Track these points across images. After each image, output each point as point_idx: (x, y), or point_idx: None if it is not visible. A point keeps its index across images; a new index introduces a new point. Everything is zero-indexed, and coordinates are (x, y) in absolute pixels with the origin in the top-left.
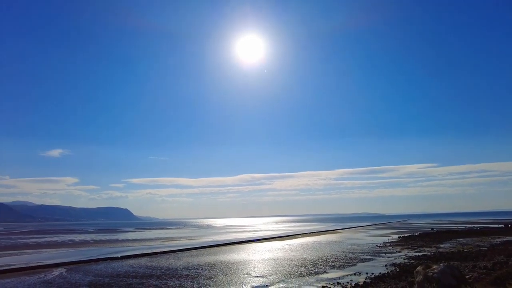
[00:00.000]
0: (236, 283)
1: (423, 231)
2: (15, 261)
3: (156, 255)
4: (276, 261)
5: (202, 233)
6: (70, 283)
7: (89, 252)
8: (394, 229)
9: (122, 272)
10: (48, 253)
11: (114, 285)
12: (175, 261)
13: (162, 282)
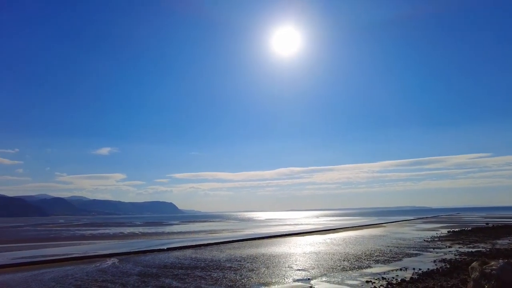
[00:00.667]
0: (278, 275)
1: (476, 225)
2: (74, 251)
3: (200, 247)
4: (318, 254)
5: (243, 226)
6: (122, 272)
7: (138, 244)
8: (443, 223)
9: (169, 263)
10: (101, 244)
11: (161, 276)
12: (218, 253)
13: (206, 274)
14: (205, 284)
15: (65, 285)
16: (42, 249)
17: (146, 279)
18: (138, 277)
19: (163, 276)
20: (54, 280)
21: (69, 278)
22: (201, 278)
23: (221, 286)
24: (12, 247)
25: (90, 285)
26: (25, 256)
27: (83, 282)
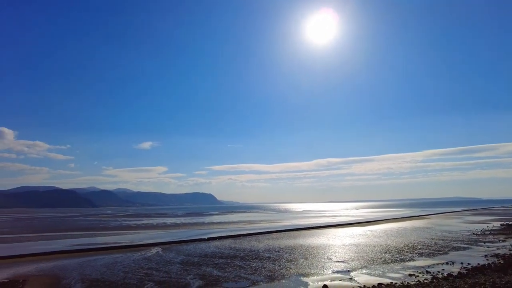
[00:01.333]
0: (317, 267)
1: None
2: (121, 240)
3: (239, 237)
4: (358, 246)
5: (281, 217)
6: (165, 260)
7: (180, 234)
8: (496, 215)
9: (209, 252)
10: (146, 234)
11: (202, 265)
12: (256, 243)
13: (246, 263)
14: (244, 273)
15: (115, 271)
16: (94, 238)
17: (188, 268)
18: (181, 265)
19: (204, 265)
20: (105, 266)
21: (118, 265)
22: (240, 267)
23: (260, 276)
24: (68, 235)
25: (136, 272)
26: (79, 244)
27: (130, 269)
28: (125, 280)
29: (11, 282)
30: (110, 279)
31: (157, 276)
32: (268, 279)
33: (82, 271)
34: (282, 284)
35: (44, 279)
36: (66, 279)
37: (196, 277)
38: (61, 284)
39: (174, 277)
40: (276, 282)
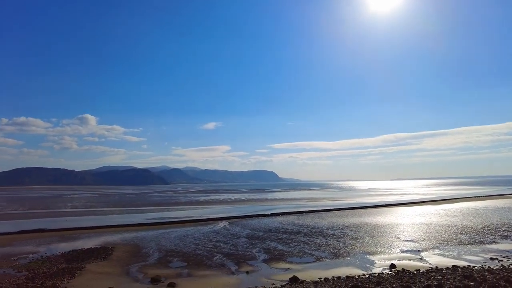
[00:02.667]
0: (384, 245)
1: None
2: (192, 214)
3: (302, 214)
4: (429, 226)
5: (344, 195)
6: (232, 234)
7: (244, 209)
8: None
9: (273, 227)
10: (213, 209)
11: (267, 239)
12: (320, 220)
13: (309, 239)
14: (308, 249)
15: (187, 242)
16: (167, 212)
17: (254, 242)
18: (246, 239)
19: (269, 240)
20: (178, 238)
21: (189, 237)
22: (304, 243)
23: (325, 252)
24: (144, 209)
25: (206, 244)
26: (154, 217)
27: (200, 241)
28: (196, 251)
29: (103, 248)
30: (183, 250)
31: (225, 248)
32: (332, 256)
33: (158, 242)
34: (347, 261)
35: (127, 247)
36: (145, 248)
37: (261, 251)
38: (142, 252)
39: (241, 250)
40: (341, 259)
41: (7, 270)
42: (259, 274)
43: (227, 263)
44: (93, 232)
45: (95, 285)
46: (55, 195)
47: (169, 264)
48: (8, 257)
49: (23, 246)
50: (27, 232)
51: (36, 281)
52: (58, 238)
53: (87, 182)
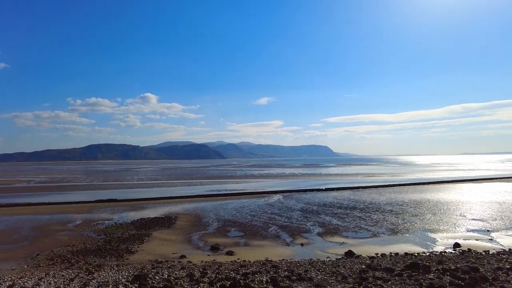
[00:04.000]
0: (447, 223)
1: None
2: (247, 187)
3: (357, 189)
4: (502, 205)
5: (404, 170)
6: (286, 207)
7: (298, 183)
8: None
9: (328, 202)
10: (267, 182)
11: (321, 213)
12: (377, 196)
13: (366, 215)
14: (364, 224)
15: (243, 214)
16: (224, 185)
17: (308, 215)
18: (301, 212)
19: (323, 214)
20: (234, 209)
21: (245, 208)
22: (360, 218)
23: (382, 228)
24: (203, 182)
25: (261, 216)
26: (213, 189)
27: (256, 213)
28: (252, 222)
29: (167, 218)
30: (240, 220)
31: (280, 220)
32: (390, 232)
33: (217, 212)
34: (405, 238)
35: (189, 217)
36: (205, 218)
37: (315, 224)
38: (202, 222)
39: (295, 223)
40: (399, 235)
41: (89, 233)
42: (314, 246)
43: (282, 234)
44: (158, 203)
45: (161, 250)
46: (123, 168)
47: (227, 233)
48: (89, 222)
49: (100, 214)
50: (102, 201)
51: (112, 244)
52: (128, 208)
53: (150, 156)
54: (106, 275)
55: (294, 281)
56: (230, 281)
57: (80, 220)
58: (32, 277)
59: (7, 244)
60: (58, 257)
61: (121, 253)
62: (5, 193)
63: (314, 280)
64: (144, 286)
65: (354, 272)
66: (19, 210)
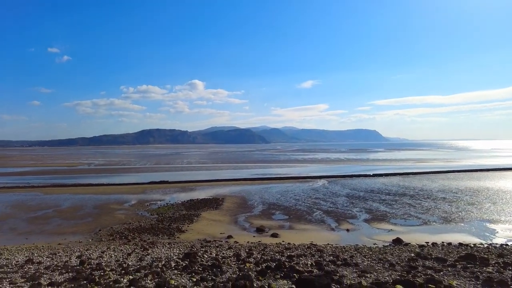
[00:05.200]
0: (509, 214)
1: None
2: (291, 172)
3: (407, 175)
4: None
5: (459, 156)
6: (331, 192)
7: (344, 169)
8: None
9: (375, 188)
10: (312, 167)
11: (368, 199)
12: (429, 182)
13: (416, 202)
14: (414, 211)
15: (287, 197)
16: (268, 169)
17: (354, 201)
18: (346, 198)
19: (370, 200)
20: (279, 193)
21: (289, 192)
22: (410, 205)
23: (433, 216)
24: (248, 165)
25: (306, 200)
26: (257, 173)
27: (300, 197)
28: (296, 206)
29: (214, 199)
30: (284, 204)
31: (324, 205)
32: (442, 220)
33: (261, 195)
34: (460, 227)
35: (235, 199)
36: (250, 200)
37: (362, 210)
38: (247, 204)
39: (341, 208)
40: (452, 224)
41: (143, 212)
42: (360, 232)
43: (326, 219)
44: (206, 185)
45: (209, 230)
46: (173, 152)
47: (272, 216)
48: (143, 202)
49: (153, 194)
50: (155, 183)
51: (164, 223)
52: (178, 189)
53: (198, 141)
54: (159, 252)
55: (339, 266)
56: (275, 262)
57: (135, 200)
58: (96, 250)
59: (74, 220)
60: (117, 233)
61: (172, 231)
62: (70, 174)
63: (360, 266)
64: (194, 264)
65: (402, 260)
66: (82, 189)
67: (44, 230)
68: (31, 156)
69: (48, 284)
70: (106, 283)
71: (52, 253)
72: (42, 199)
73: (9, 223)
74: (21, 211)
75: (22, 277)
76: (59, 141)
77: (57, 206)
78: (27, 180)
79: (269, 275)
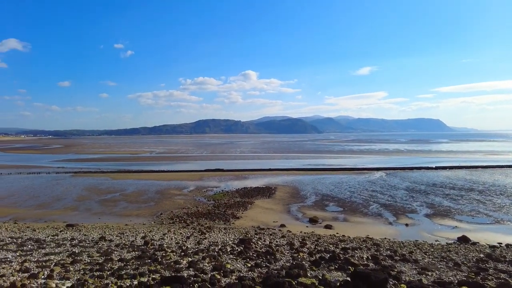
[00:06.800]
0: None
1: None
2: (345, 163)
3: (476, 169)
4: None
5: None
6: (389, 185)
7: (403, 160)
8: None
9: (438, 182)
10: (368, 159)
11: (430, 193)
12: (502, 177)
13: (486, 198)
14: (484, 208)
15: (341, 189)
16: (321, 159)
17: (414, 195)
18: (406, 191)
19: (432, 194)
20: (332, 184)
21: (344, 184)
22: (478, 201)
23: (507, 215)
24: (300, 156)
25: (361, 192)
26: (310, 164)
27: (355, 189)
28: (351, 198)
29: (267, 188)
30: (338, 196)
31: (382, 198)
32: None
33: (314, 186)
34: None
35: (287, 188)
36: (303, 191)
37: (423, 205)
38: (300, 194)
39: (399, 202)
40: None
41: (200, 198)
42: (420, 228)
43: (384, 213)
44: (259, 174)
45: (262, 218)
46: (227, 142)
47: (325, 207)
48: (200, 188)
49: (209, 181)
50: (211, 171)
51: (220, 209)
52: (233, 177)
53: (251, 131)
54: (215, 236)
55: (397, 261)
56: (329, 253)
57: (192, 186)
58: (158, 232)
59: (138, 203)
60: (177, 217)
61: (227, 217)
62: (134, 161)
63: (420, 262)
64: (249, 250)
65: (470, 260)
66: (145, 175)
67: (113, 212)
68: (100, 144)
69: (118, 260)
70: (167, 263)
71: (120, 233)
72: (111, 184)
73: (85, 204)
74: (94, 194)
75: (97, 252)
76: (124, 131)
77: (123, 190)
78: (98, 166)
79: (323, 266)
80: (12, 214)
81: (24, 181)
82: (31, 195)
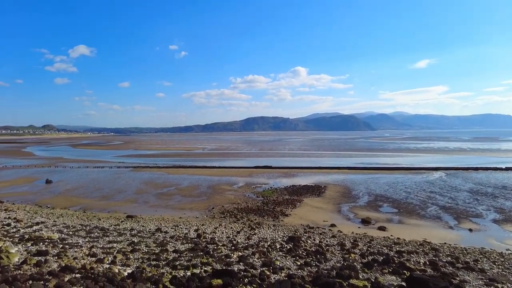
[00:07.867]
0: None
1: None
2: (401, 162)
3: None
4: None
5: None
6: (450, 186)
7: (466, 160)
8: None
9: (508, 184)
10: (426, 157)
11: (499, 197)
12: None
13: None
14: None
15: (397, 190)
16: (374, 158)
17: (479, 198)
18: (469, 194)
19: (502, 197)
20: (387, 184)
21: (399, 184)
22: None
23: None
24: (352, 154)
25: (418, 193)
26: (362, 162)
27: (412, 190)
28: (407, 200)
29: (317, 186)
30: (393, 196)
31: (441, 200)
32: None
33: (367, 186)
34: None
35: (338, 187)
36: (354, 190)
37: (490, 209)
38: (351, 194)
39: (461, 205)
40: None
41: (250, 194)
42: (487, 234)
43: (443, 216)
44: (308, 172)
45: (312, 216)
46: (276, 139)
47: (379, 208)
48: (249, 185)
49: (258, 178)
50: (259, 167)
51: (269, 206)
52: (281, 174)
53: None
54: (265, 232)
55: (459, 269)
56: (383, 256)
57: (242, 182)
58: (210, 226)
59: (191, 197)
60: (227, 212)
61: (276, 214)
62: (188, 157)
63: (487, 272)
64: (298, 248)
65: None
66: (197, 171)
67: (168, 205)
68: (156, 141)
69: (173, 251)
70: (219, 256)
71: (175, 225)
72: (166, 178)
73: (143, 196)
74: (151, 188)
75: (154, 243)
76: (179, 128)
77: (178, 184)
78: (155, 161)
79: (376, 269)
80: (82, 203)
81: (91, 174)
82: (96, 187)
